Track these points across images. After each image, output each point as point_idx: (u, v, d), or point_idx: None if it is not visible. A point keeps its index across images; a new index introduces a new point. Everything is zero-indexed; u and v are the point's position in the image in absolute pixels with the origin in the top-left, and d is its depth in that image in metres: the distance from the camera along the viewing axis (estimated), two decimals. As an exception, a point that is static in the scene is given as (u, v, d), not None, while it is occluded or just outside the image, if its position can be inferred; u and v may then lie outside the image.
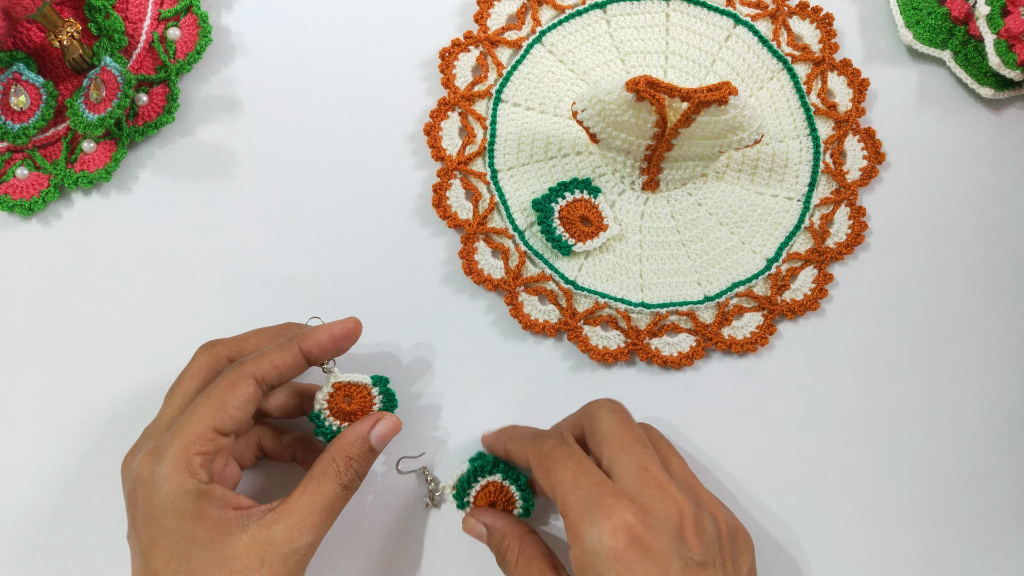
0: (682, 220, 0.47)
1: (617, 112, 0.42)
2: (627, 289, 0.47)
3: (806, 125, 0.48)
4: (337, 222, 0.48)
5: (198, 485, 0.37)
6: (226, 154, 0.49)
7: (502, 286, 0.47)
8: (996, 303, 0.48)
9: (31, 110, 0.46)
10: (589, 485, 0.37)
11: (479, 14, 0.49)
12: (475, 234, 0.47)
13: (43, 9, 0.44)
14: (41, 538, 0.46)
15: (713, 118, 0.42)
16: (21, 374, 0.47)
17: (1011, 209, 0.49)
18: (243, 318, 0.47)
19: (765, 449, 0.47)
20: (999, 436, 0.47)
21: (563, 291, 0.47)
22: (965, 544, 0.46)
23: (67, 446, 0.47)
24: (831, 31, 0.49)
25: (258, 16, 0.50)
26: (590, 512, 0.36)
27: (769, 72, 0.49)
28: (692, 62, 0.49)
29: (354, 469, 0.39)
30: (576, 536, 0.36)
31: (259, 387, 0.39)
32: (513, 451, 0.42)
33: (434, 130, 0.48)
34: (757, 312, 0.47)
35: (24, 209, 0.47)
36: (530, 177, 0.48)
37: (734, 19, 0.49)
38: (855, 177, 0.48)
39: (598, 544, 0.35)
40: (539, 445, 0.40)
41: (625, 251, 0.47)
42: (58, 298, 0.48)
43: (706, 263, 0.47)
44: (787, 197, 0.48)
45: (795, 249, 0.47)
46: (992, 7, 0.47)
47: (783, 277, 0.47)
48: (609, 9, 0.49)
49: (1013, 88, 0.49)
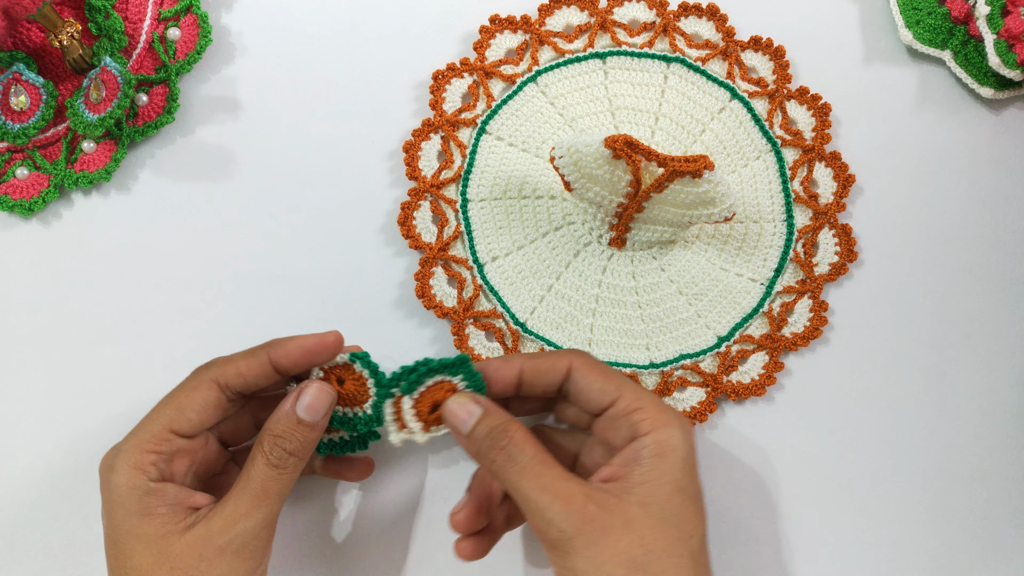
0: (642, 282, 0.47)
1: (593, 165, 0.42)
2: (575, 341, 0.46)
3: (784, 210, 0.48)
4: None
5: (146, 483, 0.37)
6: (226, 154, 0.49)
7: (451, 315, 0.46)
8: (996, 303, 0.48)
9: (31, 110, 0.46)
10: (652, 394, 0.39)
11: (479, 43, 0.49)
12: (434, 259, 0.47)
13: (43, 9, 0.44)
14: (41, 538, 0.46)
15: (686, 188, 0.41)
16: (21, 374, 0.47)
17: (1011, 209, 0.49)
18: (242, 318, 0.47)
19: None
20: (999, 436, 0.47)
21: (511, 331, 0.46)
22: (965, 544, 0.46)
23: (67, 446, 0.46)
24: (826, 121, 0.49)
25: (258, 16, 0.50)
26: (667, 409, 0.38)
27: (756, 151, 0.49)
28: (681, 128, 0.48)
29: (281, 447, 0.38)
30: (657, 424, 0.37)
31: (222, 392, 0.39)
32: (542, 366, 0.40)
33: (413, 149, 0.47)
34: (701, 388, 0.46)
35: (24, 209, 0.47)
36: (499, 213, 0.47)
37: (731, 92, 0.49)
38: (823, 271, 0.48)
39: (683, 435, 0.37)
40: (582, 354, 0.40)
41: (580, 303, 0.47)
42: (58, 298, 0.48)
43: (658, 329, 0.47)
44: (751, 278, 0.47)
45: (750, 332, 0.47)
46: (992, 7, 0.47)
47: (732, 358, 0.47)
48: (609, 61, 0.49)
49: (1013, 88, 0.49)
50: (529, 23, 0.49)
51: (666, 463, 0.37)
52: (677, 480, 0.36)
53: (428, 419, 0.39)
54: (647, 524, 0.35)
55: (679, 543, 0.36)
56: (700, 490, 0.38)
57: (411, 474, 0.46)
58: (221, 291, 0.47)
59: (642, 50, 0.49)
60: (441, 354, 0.46)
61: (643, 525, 0.35)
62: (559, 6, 0.49)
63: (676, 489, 0.36)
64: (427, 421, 0.39)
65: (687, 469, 0.37)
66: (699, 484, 0.38)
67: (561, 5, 0.49)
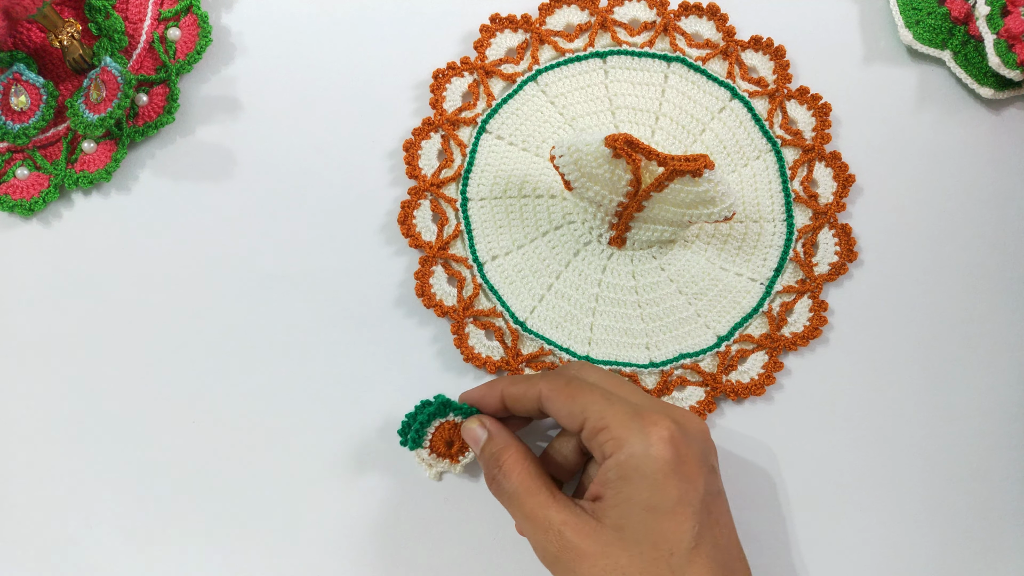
0: (642, 281, 0.47)
1: (593, 164, 0.42)
2: (575, 340, 0.46)
3: (783, 210, 0.48)
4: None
5: None
6: (226, 154, 0.49)
7: (451, 314, 0.46)
8: (996, 303, 0.48)
9: (31, 110, 0.46)
10: (622, 403, 0.38)
11: (480, 42, 0.49)
12: (434, 257, 0.47)
13: (43, 9, 0.44)
14: (41, 538, 0.46)
15: (686, 187, 0.41)
16: (21, 374, 0.47)
17: (1011, 209, 0.49)
18: (242, 317, 0.47)
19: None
20: (999, 436, 0.47)
21: (511, 330, 0.46)
22: (965, 544, 0.46)
23: (67, 446, 0.46)
24: (826, 121, 0.49)
25: (258, 16, 0.50)
26: (633, 422, 0.37)
27: (756, 151, 0.49)
28: (682, 127, 0.48)
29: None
30: (618, 444, 0.37)
31: None
32: (517, 393, 0.41)
33: (413, 148, 0.47)
34: (700, 387, 0.46)
35: (24, 209, 0.47)
36: (499, 212, 0.47)
37: (732, 92, 0.49)
38: (823, 271, 0.48)
39: (646, 449, 0.36)
40: (554, 379, 0.40)
41: (580, 302, 0.47)
42: (58, 298, 0.47)
43: (658, 328, 0.47)
44: (751, 278, 0.47)
45: (749, 331, 0.47)
46: (992, 7, 0.47)
47: (732, 357, 0.47)
48: (609, 60, 0.49)
49: (1013, 88, 0.49)
50: (529, 22, 0.49)
51: (631, 485, 0.36)
52: (646, 500, 0.36)
53: (449, 453, 0.44)
54: (620, 547, 0.36)
55: (655, 563, 0.36)
56: (683, 497, 0.36)
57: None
58: (221, 291, 0.47)
59: (643, 49, 0.49)
60: (442, 354, 0.47)
61: (617, 549, 0.36)
62: (559, 5, 0.49)
63: (646, 508, 0.36)
64: (451, 455, 0.44)
65: (656, 484, 0.36)
66: (680, 491, 0.36)
67: (561, 4, 0.49)
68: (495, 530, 0.45)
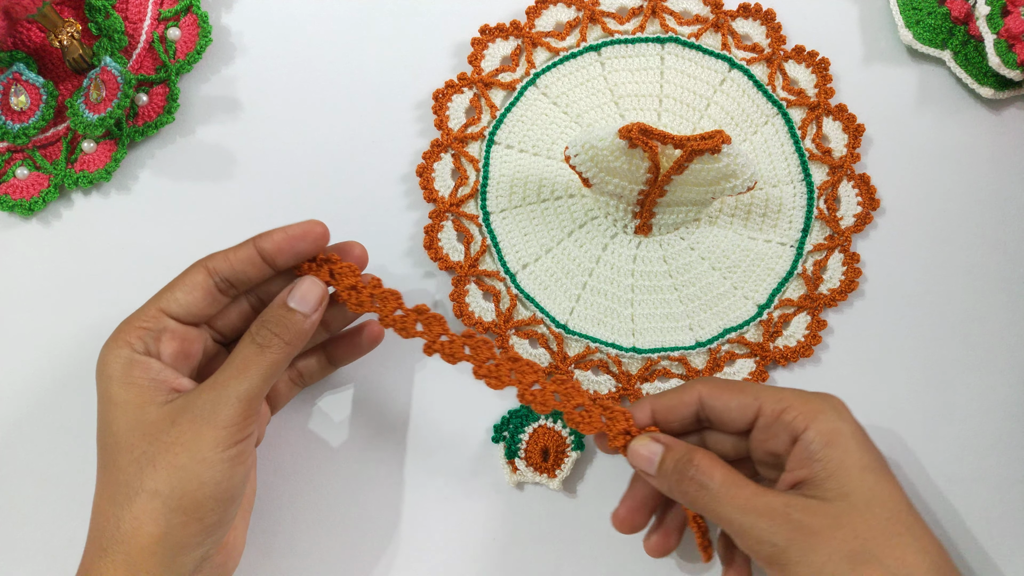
0: (674, 264, 0.47)
1: (610, 158, 0.42)
2: (618, 334, 0.46)
3: (800, 170, 0.48)
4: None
5: (130, 354, 0.38)
6: (226, 154, 0.49)
7: (493, 329, 0.46)
8: (996, 303, 0.48)
9: (31, 110, 0.46)
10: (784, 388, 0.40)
11: (473, 55, 0.49)
12: (466, 276, 0.47)
13: (43, 9, 0.44)
14: (41, 538, 0.46)
15: (706, 166, 0.42)
16: (21, 374, 0.47)
17: (1011, 209, 0.49)
18: None
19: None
20: (999, 436, 0.47)
21: (554, 335, 0.47)
22: (965, 544, 0.46)
23: (67, 446, 0.46)
24: (827, 76, 0.49)
25: (258, 16, 0.50)
26: (811, 397, 0.38)
27: (764, 116, 0.49)
28: (687, 106, 0.49)
29: (268, 328, 0.39)
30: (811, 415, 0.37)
31: (210, 276, 0.40)
32: (670, 403, 0.41)
33: (427, 171, 0.47)
34: (749, 359, 0.47)
35: (24, 209, 0.47)
36: (522, 219, 0.47)
37: (729, 63, 0.49)
38: (849, 223, 0.48)
39: (839, 414, 0.38)
40: (707, 382, 0.41)
41: (617, 295, 0.47)
42: (58, 298, 0.47)
43: (698, 308, 0.47)
44: (780, 243, 0.48)
45: (788, 295, 0.47)
46: (992, 7, 0.47)
47: (775, 324, 0.47)
48: (604, 52, 0.49)
49: (1013, 88, 0.49)
50: (519, 27, 0.49)
51: (840, 448, 0.36)
52: (858, 460, 0.36)
53: (546, 466, 0.44)
54: (853, 514, 0.35)
55: (891, 522, 0.35)
56: (884, 460, 0.37)
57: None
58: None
59: (635, 35, 0.49)
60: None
61: (850, 516, 0.35)
62: (546, 6, 0.49)
63: (863, 468, 0.36)
64: (548, 469, 0.44)
65: (862, 445, 0.37)
66: (880, 454, 0.37)
67: (548, 4, 0.49)
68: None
